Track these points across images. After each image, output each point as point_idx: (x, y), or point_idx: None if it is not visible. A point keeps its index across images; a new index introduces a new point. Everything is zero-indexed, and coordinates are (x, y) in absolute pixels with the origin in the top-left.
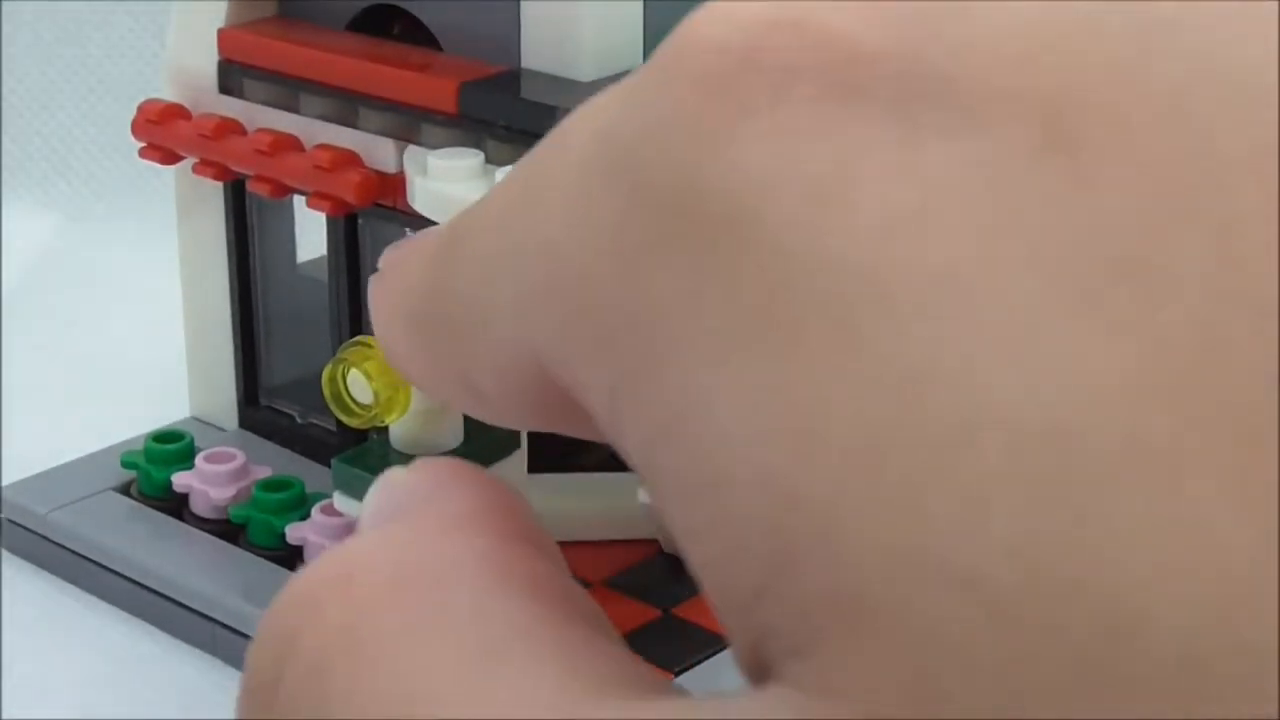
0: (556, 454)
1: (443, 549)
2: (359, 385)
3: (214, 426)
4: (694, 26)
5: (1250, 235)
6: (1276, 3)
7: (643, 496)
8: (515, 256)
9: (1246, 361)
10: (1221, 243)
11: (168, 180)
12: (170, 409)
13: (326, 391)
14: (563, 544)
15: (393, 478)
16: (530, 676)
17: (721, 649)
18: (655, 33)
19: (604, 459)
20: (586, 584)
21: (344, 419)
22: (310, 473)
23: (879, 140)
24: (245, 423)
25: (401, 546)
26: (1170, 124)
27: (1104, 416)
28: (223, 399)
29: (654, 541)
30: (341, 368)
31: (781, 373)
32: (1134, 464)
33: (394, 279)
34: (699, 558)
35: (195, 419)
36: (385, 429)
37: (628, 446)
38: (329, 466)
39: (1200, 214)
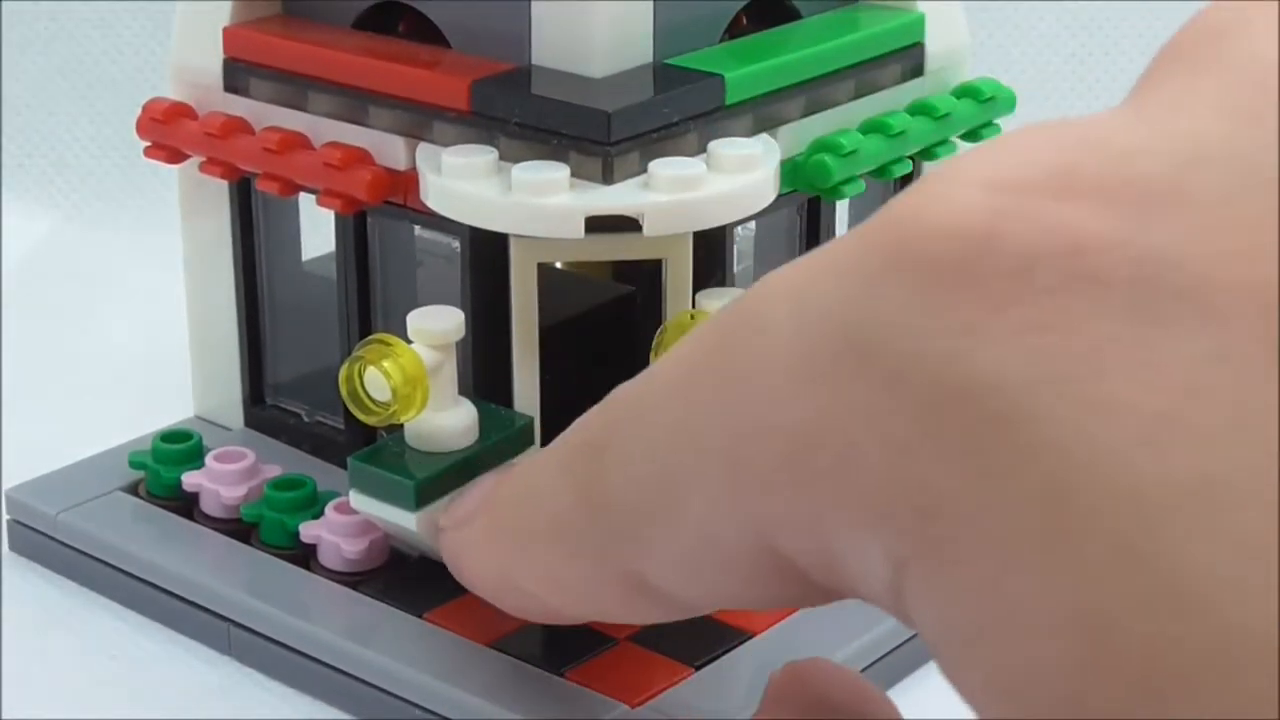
0: None
1: None
2: (376, 383)
3: (218, 426)
4: (916, 210)
5: None
6: None
7: None
8: (722, 440)
9: None
10: None
11: (167, 179)
12: (173, 409)
13: (343, 389)
14: None
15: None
16: None
17: (740, 642)
18: (665, 29)
19: None
20: None
21: (361, 417)
22: (317, 471)
23: (1122, 334)
24: (250, 421)
25: None
26: None
27: None
28: (227, 398)
29: None
30: (359, 366)
31: (1072, 594)
32: None
33: (483, 522)
34: None
35: (199, 418)
36: (399, 427)
37: (917, 621)
38: (336, 464)
39: None
